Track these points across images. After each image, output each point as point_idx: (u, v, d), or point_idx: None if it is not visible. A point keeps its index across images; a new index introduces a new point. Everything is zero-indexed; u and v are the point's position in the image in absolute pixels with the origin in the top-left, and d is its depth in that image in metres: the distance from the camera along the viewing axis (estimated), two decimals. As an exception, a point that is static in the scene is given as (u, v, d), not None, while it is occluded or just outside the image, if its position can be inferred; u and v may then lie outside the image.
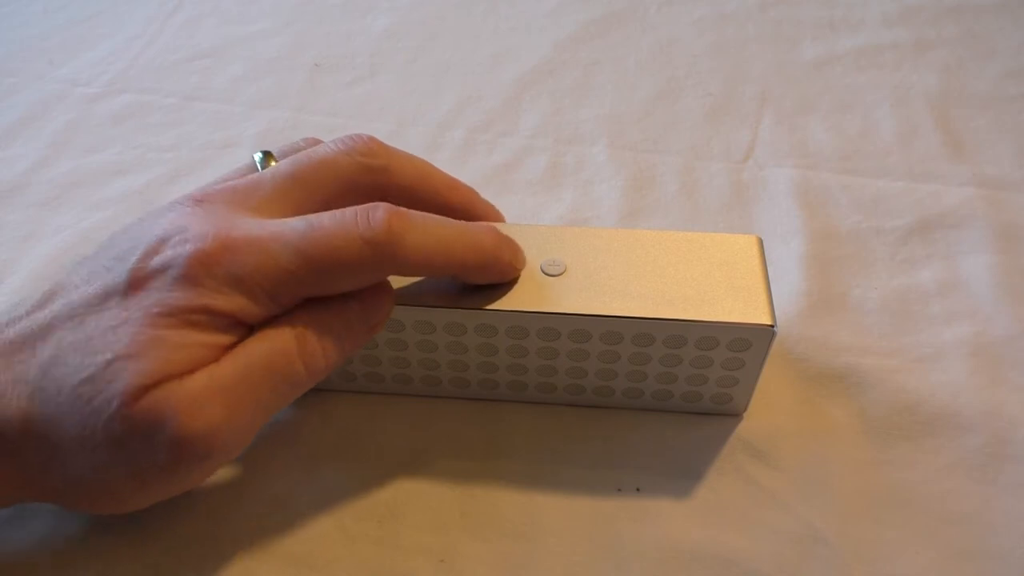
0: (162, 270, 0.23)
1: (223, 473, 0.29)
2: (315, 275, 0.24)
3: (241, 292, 0.23)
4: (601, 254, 0.28)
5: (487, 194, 0.31)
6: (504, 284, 0.28)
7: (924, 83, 0.46)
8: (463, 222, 0.26)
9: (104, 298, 0.23)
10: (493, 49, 0.50)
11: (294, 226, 0.24)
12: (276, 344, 0.24)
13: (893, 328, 0.34)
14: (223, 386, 0.23)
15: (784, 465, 0.29)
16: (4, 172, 0.42)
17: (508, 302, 0.27)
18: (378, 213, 0.24)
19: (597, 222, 0.39)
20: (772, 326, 0.26)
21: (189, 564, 0.27)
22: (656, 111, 0.46)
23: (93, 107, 0.46)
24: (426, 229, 0.25)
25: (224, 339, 0.23)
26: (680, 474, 0.29)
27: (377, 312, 0.26)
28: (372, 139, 0.27)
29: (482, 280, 0.27)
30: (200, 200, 0.25)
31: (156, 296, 0.23)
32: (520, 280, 0.28)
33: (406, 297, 0.27)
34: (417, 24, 0.53)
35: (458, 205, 0.29)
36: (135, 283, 0.23)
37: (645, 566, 0.27)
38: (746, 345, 0.27)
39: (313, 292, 0.24)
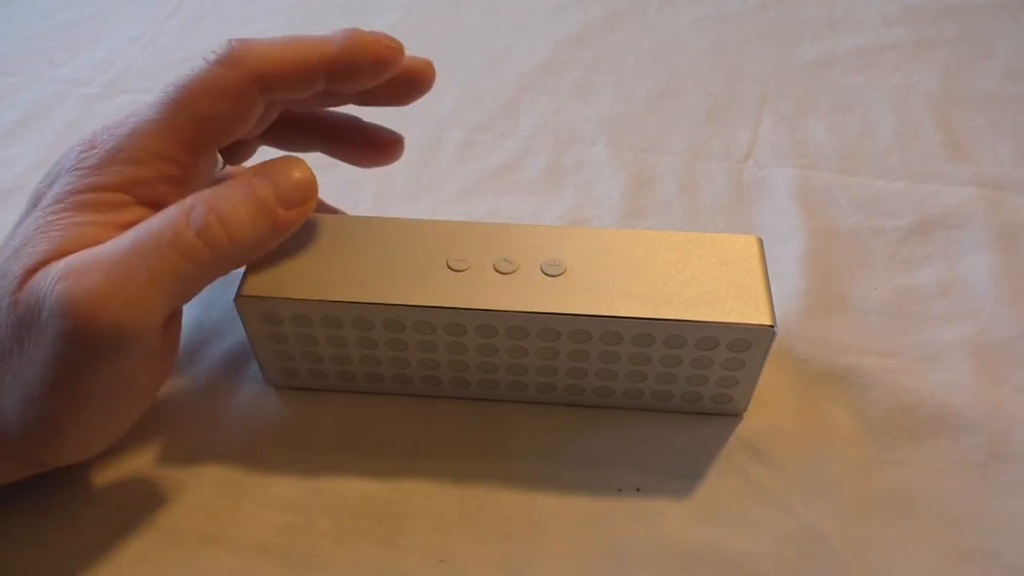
0: (56, 177, 0.25)
1: (222, 472, 0.29)
2: (186, 116, 0.24)
3: (123, 161, 0.24)
4: (601, 254, 0.28)
5: (487, 194, 0.31)
6: (504, 284, 0.27)
7: (924, 83, 0.46)
8: None
9: (15, 225, 0.25)
10: (493, 49, 0.50)
11: (159, 92, 0.25)
12: (164, 217, 0.24)
13: (893, 328, 0.34)
14: (108, 257, 0.22)
15: (784, 465, 0.29)
16: (4, 172, 0.42)
17: (508, 302, 0.27)
18: (222, 44, 0.25)
19: (597, 222, 0.39)
20: (772, 326, 0.26)
21: (187, 563, 0.27)
22: (656, 111, 0.45)
23: (93, 107, 0.46)
24: (272, 39, 0.25)
25: (120, 216, 0.24)
26: (680, 474, 0.29)
27: (292, 189, 0.25)
28: (230, 43, 0.26)
29: (363, 75, 0.27)
30: None
31: (50, 194, 0.24)
32: (520, 280, 0.28)
33: (405, 297, 0.27)
34: (417, 24, 0.53)
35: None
36: (35, 201, 0.25)
37: (645, 566, 0.27)
38: (746, 345, 0.27)
39: (198, 137, 0.25)
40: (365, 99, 0.30)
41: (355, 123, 0.32)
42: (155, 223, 0.23)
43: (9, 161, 0.43)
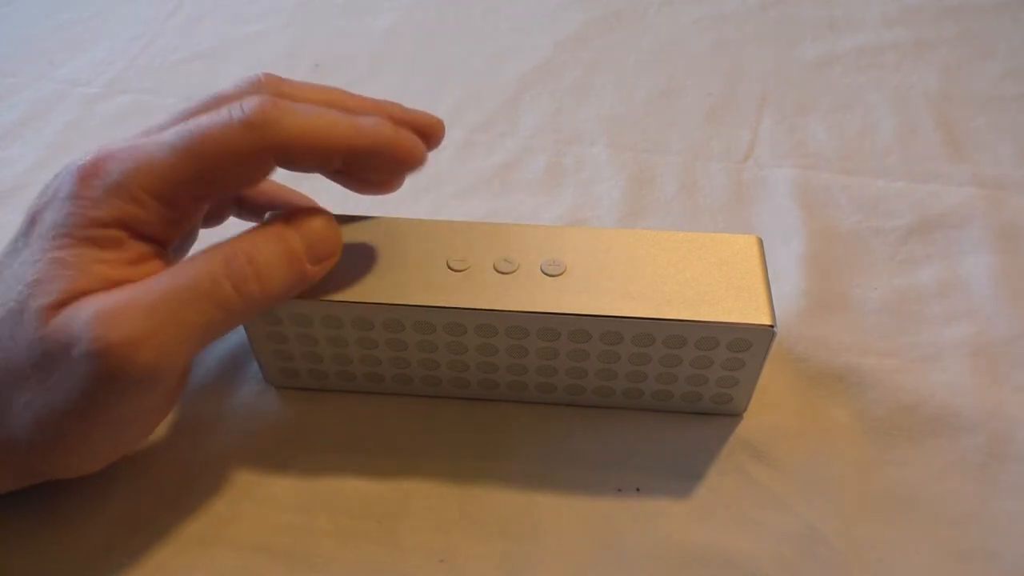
0: (52, 198, 0.24)
1: (222, 472, 0.29)
2: (197, 168, 0.24)
3: (123, 198, 0.23)
4: (601, 254, 0.28)
5: (487, 194, 0.31)
6: (504, 284, 0.27)
7: (924, 83, 0.46)
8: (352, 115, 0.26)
9: (13, 244, 0.24)
10: (493, 49, 0.50)
11: (172, 128, 0.24)
12: (202, 265, 0.24)
13: (893, 328, 0.34)
14: (143, 302, 0.23)
15: (784, 465, 0.29)
16: (4, 172, 0.42)
17: (508, 302, 0.27)
18: (253, 99, 0.24)
19: (597, 222, 0.39)
20: (772, 326, 0.26)
21: (187, 563, 0.27)
22: (656, 111, 0.45)
23: (93, 107, 0.46)
24: (306, 112, 0.25)
25: (125, 253, 0.24)
26: (680, 474, 0.29)
27: (321, 244, 0.26)
28: (262, 105, 0.24)
29: (380, 171, 0.27)
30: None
31: (50, 221, 0.24)
32: (520, 280, 0.28)
33: (406, 297, 0.27)
34: (417, 24, 0.53)
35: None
36: (33, 220, 0.24)
37: (645, 566, 0.27)
38: (746, 345, 0.27)
39: (203, 190, 0.25)
40: None
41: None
42: (191, 271, 0.23)
43: (9, 161, 0.43)
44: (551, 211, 0.40)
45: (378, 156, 0.26)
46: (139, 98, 0.47)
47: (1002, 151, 0.42)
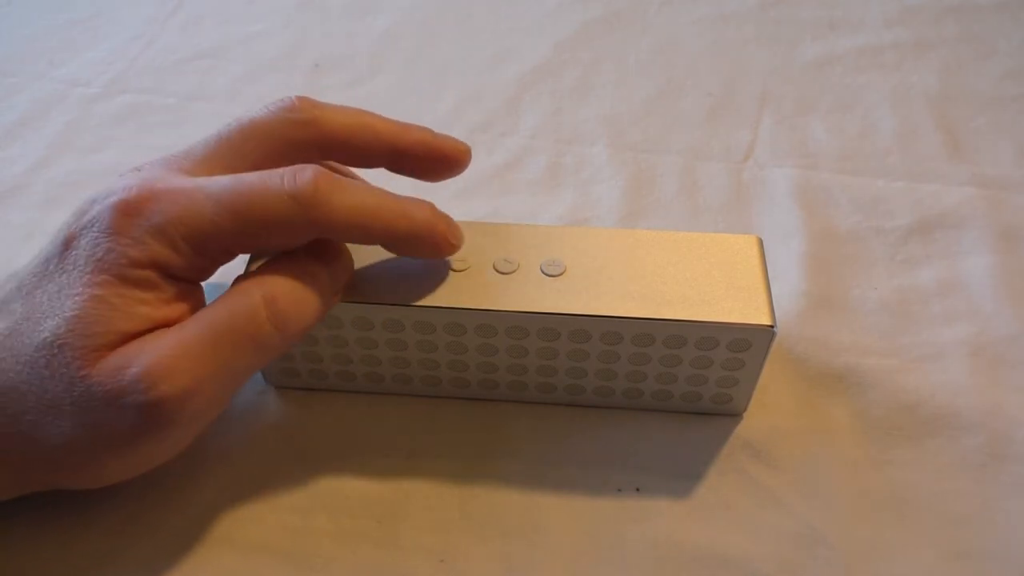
0: (90, 226, 0.23)
1: (221, 472, 0.29)
2: (239, 228, 0.24)
3: (162, 242, 0.23)
4: (601, 254, 0.28)
5: (487, 194, 0.31)
6: (504, 284, 0.27)
7: (924, 83, 0.46)
8: (399, 195, 0.26)
9: (45, 265, 0.24)
10: (493, 49, 0.50)
11: (220, 180, 0.24)
12: (243, 306, 0.24)
13: (893, 328, 0.34)
14: (192, 352, 0.23)
15: (784, 465, 0.29)
16: (4, 172, 0.42)
17: (508, 302, 0.27)
18: (306, 172, 0.24)
19: (597, 222, 0.39)
20: (772, 326, 0.26)
21: (188, 563, 0.27)
22: (656, 111, 0.45)
23: (93, 107, 0.46)
24: (354, 192, 0.25)
25: (160, 294, 0.24)
26: (680, 474, 0.29)
27: (341, 275, 0.27)
28: (300, 97, 0.27)
29: (416, 253, 0.27)
30: (138, 168, 0.26)
31: (87, 252, 0.23)
32: (520, 280, 0.28)
33: (405, 297, 0.27)
34: (417, 24, 0.53)
35: (407, 146, 0.28)
36: (68, 243, 0.24)
37: (645, 566, 0.27)
38: (746, 345, 0.27)
39: (239, 248, 0.25)
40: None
41: (418, 145, 0.30)
42: (234, 314, 0.24)
43: (9, 161, 0.43)
44: (551, 211, 0.40)
45: (417, 241, 0.26)
46: (139, 98, 0.47)
47: (1002, 151, 0.42)
